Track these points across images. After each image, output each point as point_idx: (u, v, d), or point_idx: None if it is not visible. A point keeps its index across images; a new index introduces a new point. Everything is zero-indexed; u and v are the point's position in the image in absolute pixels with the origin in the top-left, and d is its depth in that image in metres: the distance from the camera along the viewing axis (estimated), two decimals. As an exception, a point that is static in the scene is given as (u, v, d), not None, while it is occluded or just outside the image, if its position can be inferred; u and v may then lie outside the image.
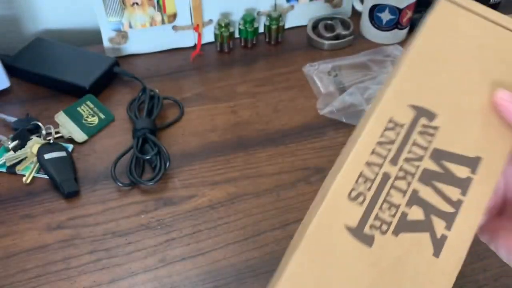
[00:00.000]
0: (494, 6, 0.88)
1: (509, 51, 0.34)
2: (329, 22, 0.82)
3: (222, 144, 0.62)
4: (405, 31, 0.81)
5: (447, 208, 0.29)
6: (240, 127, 0.65)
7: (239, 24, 0.77)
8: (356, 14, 0.85)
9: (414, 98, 0.31)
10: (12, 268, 0.49)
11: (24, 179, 0.57)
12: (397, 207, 0.29)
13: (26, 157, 0.59)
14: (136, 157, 0.58)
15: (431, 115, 0.31)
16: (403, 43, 0.81)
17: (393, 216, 0.29)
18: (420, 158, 0.30)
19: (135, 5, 0.72)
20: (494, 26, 0.35)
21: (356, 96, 0.63)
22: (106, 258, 0.50)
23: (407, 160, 0.30)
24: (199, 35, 0.76)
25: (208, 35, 0.78)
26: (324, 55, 0.78)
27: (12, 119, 0.64)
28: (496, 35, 0.34)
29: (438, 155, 0.30)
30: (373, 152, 0.30)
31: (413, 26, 0.82)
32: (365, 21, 0.81)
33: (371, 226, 0.29)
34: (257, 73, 0.74)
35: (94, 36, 0.83)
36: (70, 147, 0.61)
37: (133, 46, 0.76)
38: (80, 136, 0.62)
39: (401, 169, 0.30)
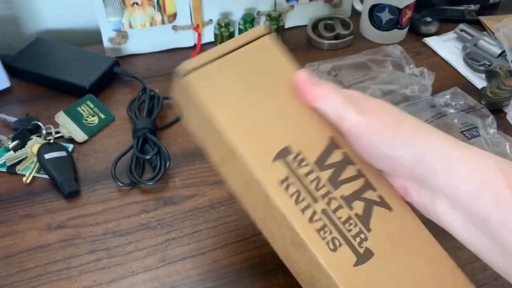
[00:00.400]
0: (494, 6, 0.88)
1: (249, 63, 0.38)
2: (329, 22, 0.82)
3: (222, 144, 0.63)
4: (404, 31, 0.81)
5: None
6: (240, 127, 0.65)
7: (239, 24, 0.77)
8: (356, 14, 0.85)
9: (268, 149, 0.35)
10: (12, 268, 0.49)
11: (24, 179, 0.57)
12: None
13: (26, 157, 0.59)
14: (136, 157, 0.58)
15: (286, 151, 0.35)
16: (402, 42, 0.81)
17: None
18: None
19: (135, 5, 0.72)
20: (226, 57, 0.38)
21: (356, 96, 0.63)
22: (106, 258, 0.50)
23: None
24: (199, 35, 0.77)
25: (208, 35, 0.78)
26: (324, 55, 0.78)
27: (12, 119, 0.64)
28: (231, 61, 0.38)
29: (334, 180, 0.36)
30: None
31: (412, 26, 0.83)
32: (365, 21, 0.81)
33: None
34: (257, 73, 0.74)
35: (94, 36, 0.83)
36: (70, 147, 0.61)
37: (133, 46, 0.76)
38: (80, 136, 0.62)
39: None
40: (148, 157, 0.58)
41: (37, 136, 0.61)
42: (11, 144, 0.59)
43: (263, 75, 0.38)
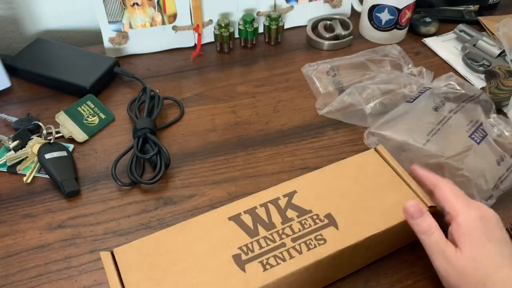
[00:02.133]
0: (493, 7, 0.89)
1: None
2: (329, 22, 0.82)
3: (222, 143, 0.63)
4: (404, 31, 0.82)
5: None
6: (240, 127, 0.65)
7: (239, 24, 0.77)
8: (355, 14, 0.85)
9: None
10: (13, 268, 0.49)
11: (24, 178, 0.57)
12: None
13: (27, 156, 0.59)
14: (136, 157, 0.58)
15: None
16: (402, 43, 0.81)
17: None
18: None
19: (135, 5, 0.72)
20: None
21: (354, 96, 0.63)
22: (106, 257, 0.50)
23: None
24: (199, 35, 0.77)
25: (208, 35, 0.79)
26: (323, 55, 0.78)
27: (13, 119, 0.64)
28: None
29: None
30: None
31: (412, 26, 0.83)
32: (364, 21, 0.81)
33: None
34: (256, 73, 0.74)
35: (94, 37, 0.84)
36: (70, 146, 0.61)
37: (133, 46, 0.76)
38: (80, 135, 0.62)
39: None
40: (148, 157, 0.58)
41: (37, 136, 0.61)
42: (12, 144, 0.59)
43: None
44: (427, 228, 0.43)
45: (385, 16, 0.78)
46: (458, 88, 0.61)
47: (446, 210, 0.44)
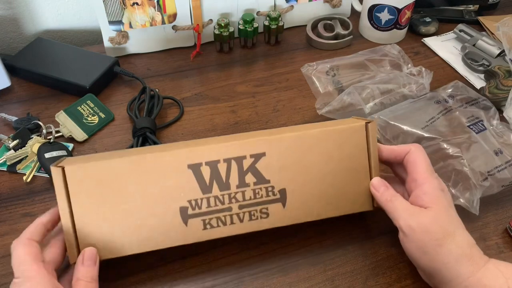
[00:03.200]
0: (493, 6, 0.89)
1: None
2: (328, 22, 0.82)
3: (221, 143, 0.63)
4: (404, 31, 0.82)
5: None
6: (239, 127, 0.65)
7: (239, 24, 0.77)
8: (355, 14, 0.85)
9: None
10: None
11: (24, 177, 0.57)
12: None
13: (27, 156, 0.59)
14: (136, 156, 0.58)
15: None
16: (402, 43, 0.81)
17: None
18: None
19: (135, 5, 0.72)
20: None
21: (354, 95, 0.63)
22: (106, 256, 0.50)
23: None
24: (199, 35, 0.77)
25: (208, 35, 0.79)
26: (323, 55, 0.78)
27: (12, 118, 0.64)
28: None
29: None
30: None
31: (411, 26, 0.83)
32: (364, 21, 0.81)
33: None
34: (256, 73, 0.74)
35: (94, 36, 0.84)
36: (70, 146, 0.61)
37: (133, 46, 0.76)
38: (80, 135, 0.63)
39: None
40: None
41: (37, 135, 0.62)
42: (12, 143, 0.59)
43: None
44: (392, 194, 0.46)
45: (385, 16, 0.78)
46: (463, 91, 0.62)
47: (413, 176, 0.46)
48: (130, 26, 0.74)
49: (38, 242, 0.41)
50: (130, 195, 0.43)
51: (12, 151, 0.59)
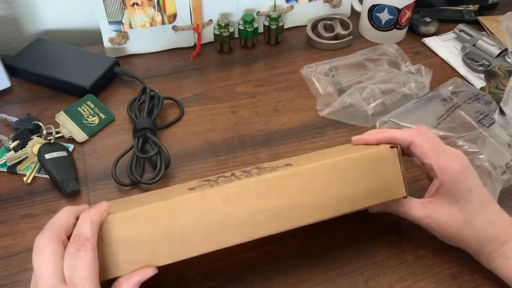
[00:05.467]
0: (492, 6, 0.89)
1: None
2: (329, 22, 0.82)
3: (222, 143, 0.63)
4: (404, 31, 0.82)
5: None
6: (240, 127, 0.65)
7: (239, 24, 0.77)
8: (355, 14, 0.85)
9: None
10: (13, 268, 0.49)
11: (25, 178, 0.57)
12: None
13: (27, 157, 0.59)
14: (136, 157, 0.58)
15: None
16: (402, 43, 0.81)
17: None
18: None
19: (135, 5, 0.72)
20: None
21: (355, 96, 0.63)
22: (107, 257, 0.50)
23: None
24: (199, 35, 0.77)
25: (208, 35, 0.79)
26: (323, 55, 0.78)
27: (13, 119, 0.64)
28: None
29: None
30: None
31: (412, 26, 0.83)
32: (364, 21, 0.81)
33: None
34: (256, 73, 0.74)
35: (94, 36, 0.84)
36: (70, 147, 0.61)
37: (133, 46, 0.76)
38: (80, 135, 0.62)
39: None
40: (148, 157, 0.58)
41: (37, 136, 0.61)
42: (12, 144, 0.59)
43: None
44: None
45: (385, 16, 0.78)
46: (463, 88, 0.63)
47: (426, 164, 0.46)
48: (130, 27, 0.74)
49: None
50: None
51: (12, 152, 0.59)
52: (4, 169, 0.58)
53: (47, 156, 0.57)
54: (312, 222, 0.43)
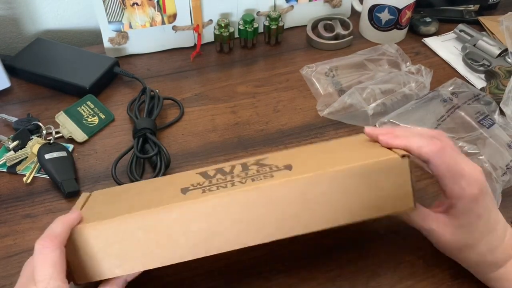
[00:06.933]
0: (493, 7, 0.89)
1: None
2: (329, 22, 0.82)
3: (222, 144, 0.63)
4: (404, 31, 0.82)
5: None
6: (240, 127, 0.65)
7: (239, 24, 0.77)
8: (355, 14, 0.85)
9: None
10: (13, 268, 0.49)
11: (24, 179, 0.57)
12: None
13: (27, 157, 0.59)
14: (136, 157, 0.58)
15: None
16: (402, 43, 0.81)
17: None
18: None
19: (135, 5, 0.72)
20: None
21: (355, 96, 0.63)
22: (106, 258, 0.50)
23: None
24: (199, 36, 0.77)
25: (208, 36, 0.79)
26: (323, 56, 0.78)
27: (12, 119, 0.64)
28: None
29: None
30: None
31: (412, 26, 0.83)
32: (364, 21, 0.81)
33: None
34: (256, 73, 0.74)
35: (94, 37, 0.84)
36: (70, 147, 0.61)
37: (133, 46, 0.76)
38: (80, 136, 0.62)
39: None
40: (148, 157, 0.58)
41: (37, 136, 0.61)
42: (12, 144, 0.59)
43: None
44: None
45: (385, 16, 0.78)
46: (463, 88, 0.62)
47: (440, 184, 0.43)
48: (130, 27, 0.74)
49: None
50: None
51: (12, 152, 0.59)
52: (4, 169, 0.58)
53: (47, 156, 0.57)
54: (307, 232, 0.42)
